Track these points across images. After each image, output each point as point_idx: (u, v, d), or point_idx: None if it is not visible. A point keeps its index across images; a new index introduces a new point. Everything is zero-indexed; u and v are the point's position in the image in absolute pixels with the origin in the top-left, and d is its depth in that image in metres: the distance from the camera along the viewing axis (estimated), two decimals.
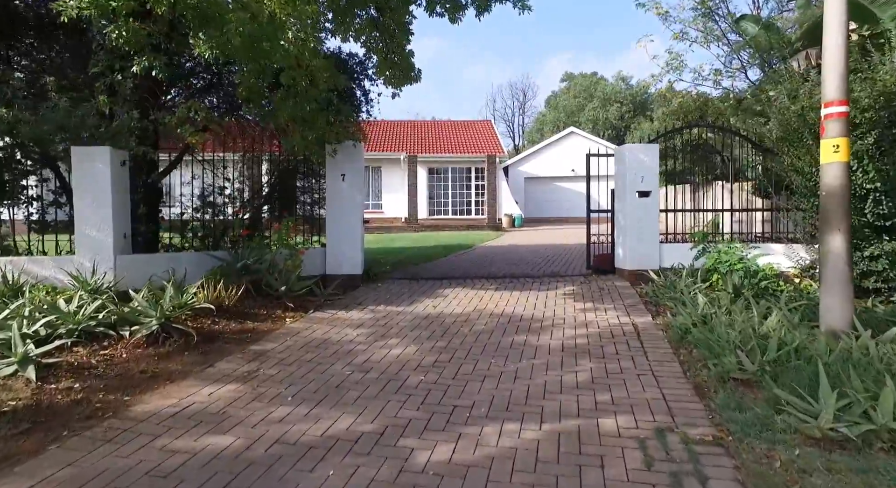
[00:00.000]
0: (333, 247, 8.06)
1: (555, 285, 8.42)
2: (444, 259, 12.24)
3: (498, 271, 9.90)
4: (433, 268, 10.38)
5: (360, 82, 11.41)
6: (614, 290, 7.86)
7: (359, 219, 8.13)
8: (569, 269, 10.05)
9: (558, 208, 29.68)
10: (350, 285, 8.04)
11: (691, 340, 5.04)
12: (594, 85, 43.90)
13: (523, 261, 11.45)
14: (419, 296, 7.57)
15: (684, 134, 9.80)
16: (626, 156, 8.54)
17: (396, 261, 11.52)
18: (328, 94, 7.26)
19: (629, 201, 8.52)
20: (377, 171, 25.13)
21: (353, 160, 8.05)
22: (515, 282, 8.67)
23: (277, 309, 6.57)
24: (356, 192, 8.08)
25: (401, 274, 9.53)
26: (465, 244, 16.10)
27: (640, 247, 8.51)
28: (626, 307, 6.83)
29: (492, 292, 7.89)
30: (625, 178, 8.60)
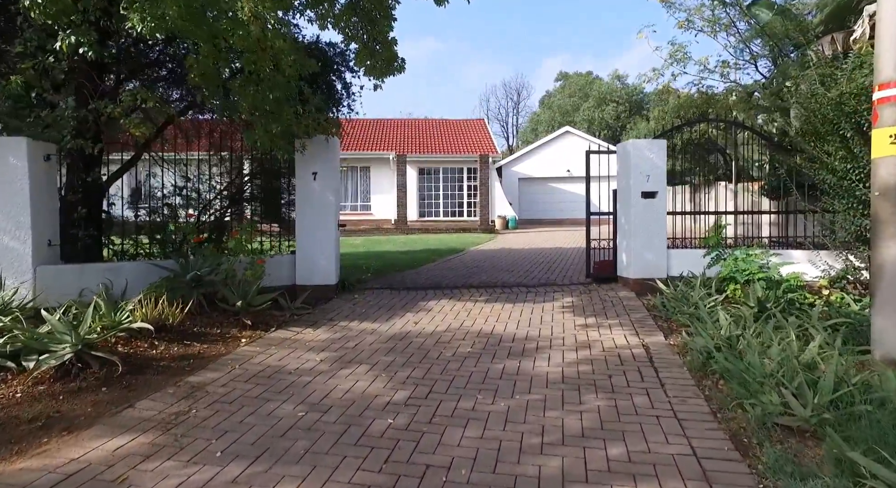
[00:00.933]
0: (304, 254, 7.18)
1: (552, 296, 7.57)
2: (432, 264, 11.38)
3: (489, 279, 9.05)
4: (419, 276, 9.52)
5: (340, 74, 10.57)
6: (618, 302, 7.03)
7: (332, 222, 7.26)
8: (566, 277, 9.21)
9: (553, 210, 28.89)
10: (322, 297, 7.17)
11: (717, 369, 4.21)
12: (589, 84, 43.16)
13: (517, 268, 10.60)
14: (399, 311, 6.70)
15: (689, 130, 8.99)
16: (630, 154, 7.72)
17: (380, 267, 10.65)
18: (297, 82, 6.40)
19: (633, 203, 7.70)
20: (365, 172, 24.24)
21: (327, 157, 7.19)
22: (508, 293, 7.82)
23: (233, 327, 5.69)
24: (330, 193, 7.21)
25: (382, 282, 8.66)
26: (455, 248, 15.25)
27: (646, 254, 7.69)
28: (633, 323, 6.00)
29: (481, 305, 7.04)
30: (628, 178, 7.78)
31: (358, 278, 9.04)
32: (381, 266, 10.81)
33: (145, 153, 7.52)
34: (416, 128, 26.86)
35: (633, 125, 37.95)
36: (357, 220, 23.73)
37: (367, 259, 12.19)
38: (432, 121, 28.07)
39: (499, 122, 54.75)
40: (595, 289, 7.98)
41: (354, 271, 9.89)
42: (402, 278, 9.23)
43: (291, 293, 7.08)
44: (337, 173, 7.54)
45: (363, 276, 9.31)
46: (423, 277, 9.34)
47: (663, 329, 5.75)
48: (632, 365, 4.64)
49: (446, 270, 10.33)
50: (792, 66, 7.40)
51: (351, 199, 24.32)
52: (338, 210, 7.62)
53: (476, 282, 8.63)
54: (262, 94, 6.07)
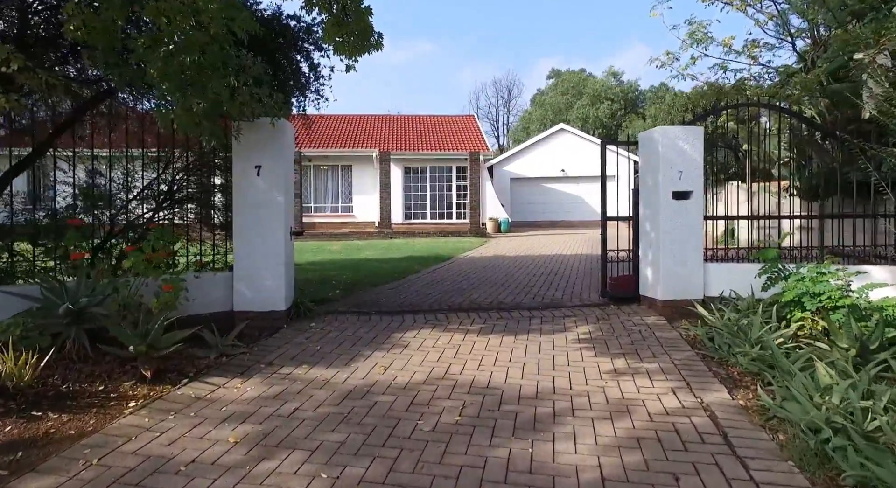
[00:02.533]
0: (244, 271, 5.56)
1: (561, 323, 6.02)
2: (416, 276, 9.79)
3: (482, 298, 7.47)
4: (397, 294, 7.92)
5: (307, 53, 8.95)
6: (648, 333, 5.48)
7: (282, 230, 5.64)
8: (576, 295, 7.66)
9: (547, 212, 27.42)
10: (268, 327, 5.55)
11: (850, 473, 2.66)
12: (583, 82, 41.75)
13: (514, 281, 9.04)
14: (365, 347, 5.10)
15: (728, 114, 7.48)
16: (659, 144, 6.19)
17: (352, 280, 9.04)
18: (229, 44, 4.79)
19: (662, 205, 6.17)
20: (346, 171, 22.59)
21: (275, 146, 5.57)
22: (506, 319, 6.24)
23: (128, 379, 4.06)
24: (279, 192, 5.59)
25: (351, 303, 7.05)
26: (442, 255, 13.67)
27: (678, 269, 6.16)
28: (678, 368, 4.45)
29: (473, 337, 5.46)
30: (656, 174, 6.25)
31: (322, 297, 7.44)
32: (354, 279, 9.19)
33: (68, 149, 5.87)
34: (401, 124, 25.26)
35: (628, 123, 36.67)
36: (337, 223, 22.08)
37: (340, 269, 10.57)
38: (419, 117, 26.49)
39: (489, 120, 53.29)
40: (614, 312, 6.43)
41: (321, 287, 8.28)
42: (377, 296, 7.63)
43: (228, 322, 5.46)
44: (289, 167, 5.93)
45: (330, 294, 7.70)
46: (403, 295, 7.74)
47: (722, 378, 4.20)
48: (700, 449, 3.08)
49: (431, 285, 8.73)
50: (861, 33, 5.94)
51: (331, 201, 22.67)
52: (290, 214, 6.00)
53: (466, 303, 7.05)
54: (176, 59, 4.48)
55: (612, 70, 41.76)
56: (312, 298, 7.27)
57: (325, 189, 22.66)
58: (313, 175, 22.47)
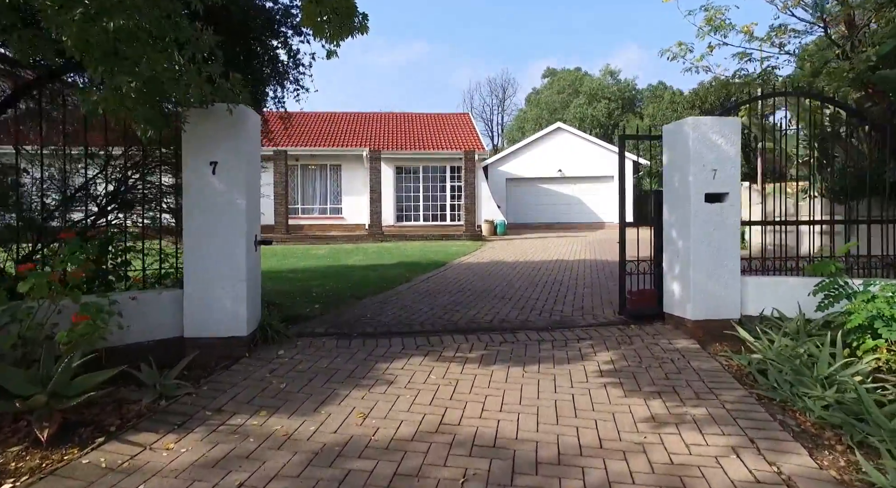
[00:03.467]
0: (196, 289, 4.59)
1: (576, 347, 5.10)
2: (407, 286, 8.85)
3: (481, 315, 6.55)
4: (384, 308, 6.97)
5: (285, 39, 8.03)
6: (682, 362, 4.58)
7: (244, 239, 4.68)
8: (587, 311, 6.75)
9: (544, 213, 26.56)
10: (226, 356, 4.59)
11: None
12: (579, 80, 40.89)
13: (516, 293, 8.12)
14: (341, 384, 4.16)
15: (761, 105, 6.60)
16: (689, 138, 5.29)
17: (335, 291, 8.09)
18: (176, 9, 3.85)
19: (694, 209, 5.28)
20: (335, 170, 21.61)
21: (236, 139, 4.61)
22: (512, 343, 5.31)
23: (17, 442, 3.09)
24: (239, 194, 4.63)
25: (330, 322, 6.11)
26: (436, 261, 12.73)
27: (712, 283, 5.27)
28: (730, 413, 3.54)
29: (473, 368, 4.52)
30: (684, 172, 5.36)
31: (298, 314, 6.49)
32: (337, 290, 8.24)
33: None
34: (392, 122, 24.32)
35: (626, 123, 35.84)
36: (325, 225, 21.11)
37: (323, 278, 9.61)
38: (411, 114, 25.55)
39: (483, 120, 52.35)
40: (636, 333, 5.52)
41: (299, 300, 7.33)
42: (362, 312, 6.68)
43: (178, 351, 4.51)
44: (253, 164, 4.97)
45: (307, 310, 6.75)
46: (391, 310, 6.79)
47: (795, 433, 3.29)
48: None
49: (423, 297, 7.79)
50: None
51: (319, 202, 21.69)
52: (256, 220, 5.05)
53: (463, 322, 6.12)
54: (98, 24, 3.54)
55: (608, 68, 40.99)
56: (287, 315, 6.33)
57: (312, 189, 21.68)
58: (300, 175, 21.49)
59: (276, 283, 8.96)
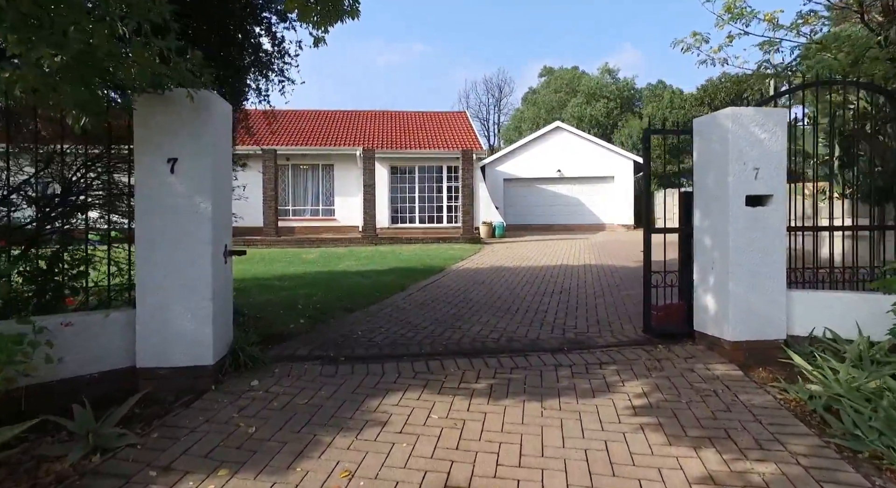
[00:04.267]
0: (151, 309, 3.85)
1: (599, 374, 4.39)
2: (402, 296, 8.12)
3: (486, 332, 5.83)
4: (377, 324, 6.25)
5: (269, 26, 7.35)
6: (728, 395, 3.87)
7: (209, 249, 3.94)
8: (604, 326, 6.05)
9: (543, 214, 25.91)
10: (187, 389, 3.86)
11: None
12: (577, 79, 40.23)
13: (522, 304, 7.41)
14: (322, 429, 3.42)
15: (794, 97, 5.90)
16: (728, 132, 4.60)
17: (324, 302, 7.36)
18: None
19: (732, 212, 4.59)
20: (328, 170, 20.86)
21: (200, 131, 3.88)
22: (524, 369, 4.59)
23: None
24: (204, 196, 3.89)
25: (315, 342, 5.38)
26: (433, 266, 12.01)
27: (754, 298, 4.58)
28: (811, 475, 2.83)
29: (481, 404, 3.80)
30: (721, 172, 4.67)
31: (280, 331, 5.76)
32: (326, 300, 7.51)
33: None
34: (387, 120, 23.59)
35: (625, 123, 35.28)
36: (317, 228, 20.36)
37: (312, 287, 8.87)
38: (407, 113, 24.82)
39: (479, 120, 51.66)
40: (665, 356, 4.82)
41: (283, 313, 6.59)
42: (352, 328, 5.96)
43: (129, 384, 3.77)
44: (223, 162, 4.23)
45: (291, 326, 6.02)
46: (384, 326, 6.07)
47: None
48: None
49: (420, 309, 7.07)
50: None
51: (311, 203, 20.93)
52: (226, 226, 4.31)
53: (467, 342, 5.40)
54: None
55: (606, 67, 40.36)
56: (268, 333, 5.61)
57: (304, 190, 20.92)
58: (291, 175, 20.73)
59: (260, 293, 8.21)
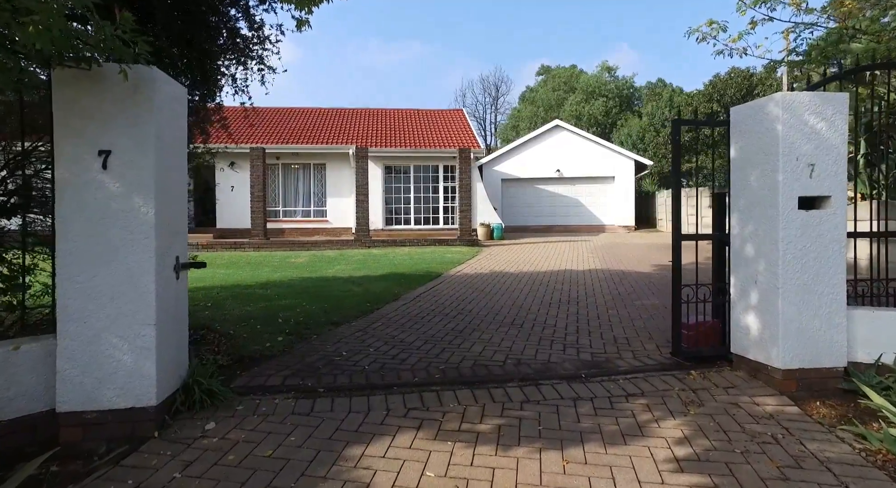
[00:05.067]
0: (76, 338, 3.09)
1: (627, 411, 3.66)
2: (394, 307, 7.39)
3: (489, 353, 5.10)
4: (365, 342, 5.51)
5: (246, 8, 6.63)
6: (793, 443, 3.15)
7: (153, 261, 3.19)
8: (623, 344, 5.32)
9: (542, 215, 25.22)
10: (122, 437, 3.11)
11: None
12: (575, 77, 39.57)
13: (528, 317, 6.69)
14: None
15: None
16: (776, 121, 3.89)
17: (308, 315, 6.61)
18: None
19: (782, 216, 3.88)
20: (320, 170, 20.09)
21: (141, 116, 3.13)
22: (536, 403, 3.86)
23: None
24: (145, 198, 3.14)
25: (292, 367, 4.63)
26: (429, 271, 11.28)
27: (808, 318, 3.87)
28: None
29: (487, 455, 3.07)
30: (768, 169, 3.96)
31: (254, 352, 5.02)
32: (310, 313, 6.77)
33: None
34: (381, 118, 22.84)
35: (624, 121, 34.64)
36: (309, 230, 19.60)
37: (297, 296, 8.12)
38: (402, 111, 24.08)
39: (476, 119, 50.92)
40: (701, 385, 4.10)
41: (261, 329, 5.86)
42: (335, 349, 5.21)
43: (48, 432, 3.02)
44: (173, 154, 3.47)
45: (268, 344, 5.28)
46: (373, 346, 5.33)
47: None
48: None
49: (413, 324, 6.33)
50: None
51: (302, 204, 20.17)
52: (178, 234, 3.55)
53: (467, 367, 4.66)
54: None
55: (605, 64, 39.69)
56: (238, 354, 4.89)
57: (294, 190, 20.16)
58: (281, 174, 19.96)
59: (238, 303, 7.46)
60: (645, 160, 25.17)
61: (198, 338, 5.61)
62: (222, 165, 19.86)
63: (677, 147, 4.51)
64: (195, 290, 8.68)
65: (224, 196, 19.58)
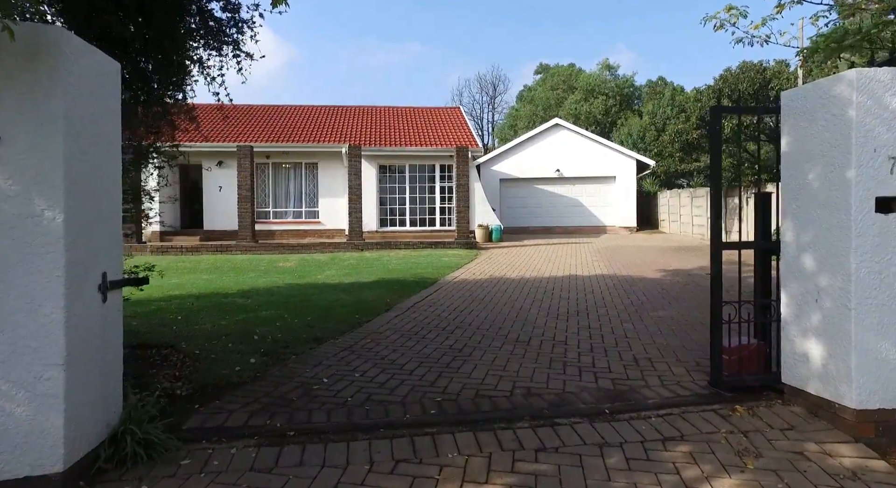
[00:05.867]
0: None
1: (667, 466, 2.93)
2: (385, 319, 6.66)
3: (493, 380, 4.37)
4: (348, 367, 4.77)
5: None
6: None
7: (62, 281, 2.45)
8: (647, 368, 4.59)
9: (541, 216, 24.54)
10: None
11: None
12: (574, 76, 38.90)
13: (536, 334, 5.96)
14: None
15: None
16: (847, 105, 3.17)
17: (288, 330, 5.88)
18: None
19: (855, 221, 3.16)
20: (311, 169, 19.33)
21: (42, 90, 2.39)
22: (554, 452, 3.13)
23: None
24: (50, 198, 2.42)
25: (260, 398, 3.89)
26: (424, 277, 10.55)
27: (890, 346, 3.15)
28: None
29: None
30: (832, 163, 3.26)
31: (219, 378, 4.28)
32: (291, 328, 6.03)
33: None
34: (376, 116, 22.10)
35: (624, 121, 33.99)
36: (300, 231, 18.85)
37: (278, 307, 7.38)
38: (397, 108, 23.34)
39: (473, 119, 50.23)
40: (752, 425, 3.38)
41: (232, 347, 5.14)
42: (314, 375, 4.48)
43: None
44: (93, 140, 2.73)
45: (236, 368, 4.55)
46: (357, 371, 4.59)
47: None
48: None
49: (406, 342, 5.60)
50: None
51: (293, 205, 19.42)
52: (103, 245, 2.81)
53: (467, 400, 3.93)
54: None
55: (605, 62, 39.06)
56: (202, 381, 4.18)
57: (286, 191, 19.41)
58: (272, 174, 19.21)
59: (213, 316, 6.73)
60: (647, 160, 24.52)
61: (158, 361, 4.88)
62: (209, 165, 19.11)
63: (717, 138, 3.79)
64: (169, 300, 7.94)
65: (211, 197, 18.81)
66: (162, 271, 5.93)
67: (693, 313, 6.82)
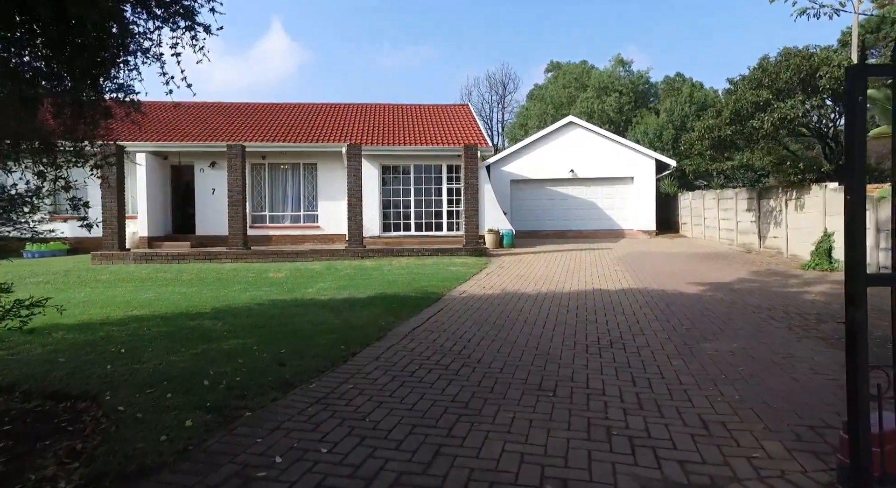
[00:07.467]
0: None
1: None
2: (376, 352, 5.42)
3: (508, 467, 3.10)
4: (317, 429, 3.54)
5: None
6: None
7: None
8: (730, 448, 3.30)
9: (555, 220, 23.20)
10: None
11: None
12: (586, 73, 37.48)
13: (563, 379, 4.68)
14: None
15: None
16: None
17: (251, 368, 4.65)
18: None
19: None
20: (310, 170, 18.18)
21: None
22: None
23: None
24: None
25: None
26: (427, 291, 9.29)
27: None
28: None
29: None
30: None
31: (118, 467, 3.05)
32: (256, 366, 4.79)
33: None
34: (379, 114, 20.92)
35: (639, 119, 32.56)
36: (299, 236, 17.70)
37: (250, 333, 6.16)
38: (402, 106, 22.14)
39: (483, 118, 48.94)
40: None
41: (171, 400, 3.92)
42: (265, 452, 3.24)
43: None
44: None
45: (162, 438, 3.32)
46: (324, 451, 3.34)
47: None
48: None
49: (397, 390, 4.34)
50: None
51: (291, 208, 18.28)
52: None
53: None
54: None
55: (619, 58, 37.62)
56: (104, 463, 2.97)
57: (283, 193, 18.28)
58: (268, 175, 18.07)
59: (165, 347, 5.52)
60: (668, 159, 23.13)
61: (63, 423, 3.69)
62: (202, 166, 18.00)
63: (860, 109, 2.50)
64: (126, 323, 6.77)
65: (204, 200, 17.72)
66: (61, 306, 4.87)
67: (757, 346, 5.52)
